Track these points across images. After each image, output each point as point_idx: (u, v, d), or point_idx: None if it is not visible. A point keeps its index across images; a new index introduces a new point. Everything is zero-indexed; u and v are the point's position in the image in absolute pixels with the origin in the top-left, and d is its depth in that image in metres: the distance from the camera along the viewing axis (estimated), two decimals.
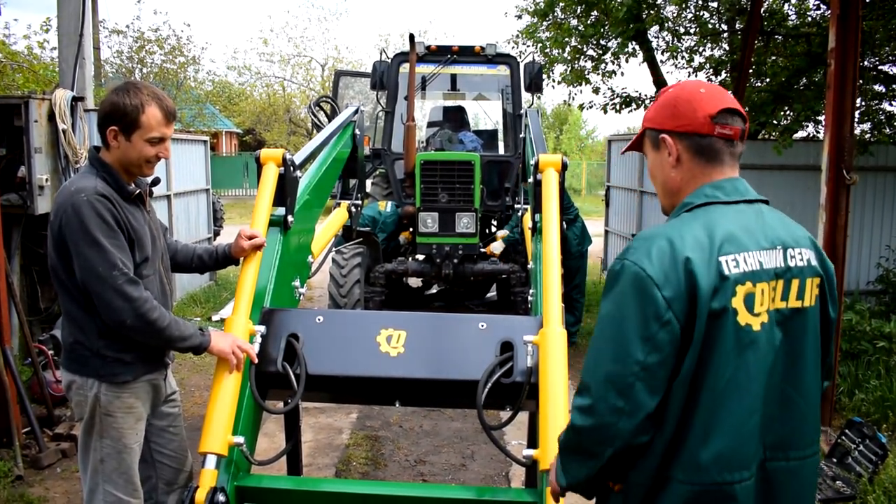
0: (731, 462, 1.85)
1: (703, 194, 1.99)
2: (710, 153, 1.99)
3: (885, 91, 11.36)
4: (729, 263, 1.85)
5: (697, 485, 1.86)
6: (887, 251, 10.28)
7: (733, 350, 1.84)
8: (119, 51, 23.81)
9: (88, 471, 3.04)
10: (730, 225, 1.91)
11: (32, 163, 6.17)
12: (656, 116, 2.06)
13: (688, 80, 2.17)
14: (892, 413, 6.05)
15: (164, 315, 2.90)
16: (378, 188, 9.98)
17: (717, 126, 1.96)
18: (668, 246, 1.86)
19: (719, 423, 1.84)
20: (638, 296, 1.82)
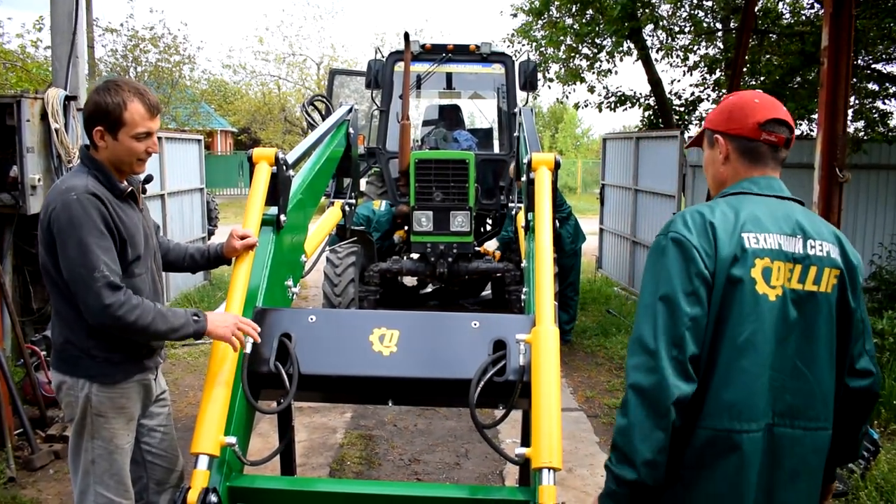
0: (741, 412, 2.07)
1: (739, 186, 2.29)
2: (754, 155, 2.28)
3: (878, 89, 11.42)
4: (750, 239, 2.12)
5: (711, 429, 2.09)
6: (880, 249, 10.31)
7: (751, 312, 2.08)
8: (113, 49, 23.78)
9: (79, 472, 3.03)
10: (756, 210, 2.18)
11: (25, 162, 6.14)
12: (715, 119, 2.36)
13: (749, 90, 2.45)
14: (884, 409, 6.06)
15: (146, 313, 2.84)
16: (373, 187, 9.97)
17: (764, 133, 2.25)
18: (700, 216, 2.16)
19: (735, 375, 2.07)
20: (681, 258, 2.10)
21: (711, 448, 2.10)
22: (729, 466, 2.09)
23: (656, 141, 11.12)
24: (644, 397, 2.05)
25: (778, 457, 2.13)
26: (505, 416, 2.92)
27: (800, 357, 2.14)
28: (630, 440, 2.06)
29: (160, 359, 3.28)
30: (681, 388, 2.03)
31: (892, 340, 6.90)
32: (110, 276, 2.81)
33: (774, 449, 2.12)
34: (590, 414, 6.58)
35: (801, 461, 2.17)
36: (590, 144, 46.55)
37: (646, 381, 2.05)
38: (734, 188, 2.29)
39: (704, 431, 2.10)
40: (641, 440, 2.04)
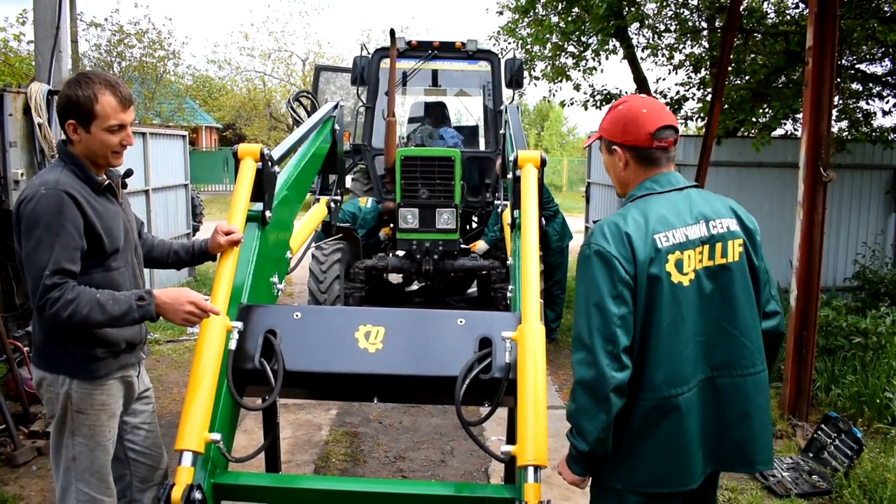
0: (674, 380, 2.49)
1: (643, 187, 2.64)
2: (650, 160, 2.64)
3: (862, 89, 11.48)
4: (661, 239, 2.48)
5: (653, 399, 2.49)
6: (864, 248, 10.39)
7: (670, 301, 2.47)
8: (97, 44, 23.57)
9: (61, 469, 3.01)
10: (661, 210, 2.55)
11: (7, 157, 6.09)
12: (611, 130, 2.69)
13: (634, 98, 2.72)
14: (867, 408, 6.11)
15: (81, 306, 2.76)
16: (358, 184, 9.95)
17: (656, 141, 2.59)
18: (616, 227, 2.49)
19: (665, 353, 2.47)
20: (605, 267, 2.44)
21: (654, 413, 2.50)
22: (670, 424, 2.51)
23: None
24: (586, 387, 2.44)
25: (722, 403, 2.57)
26: (490, 413, 2.92)
27: (723, 319, 2.55)
28: (580, 422, 2.49)
29: (142, 354, 3.26)
30: (616, 377, 2.40)
31: (874, 339, 6.96)
32: (52, 274, 2.76)
33: (718, 397, 2.56)
34: None
35: (749, 403, 2.58)
36: (575, 143, 46.65)
37: (587, 375, 2.43)
38: (639, 190, 2.64)
39: (647, 402, 2.50)
40: (588, 421, 2.46)
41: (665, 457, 2.53)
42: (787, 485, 5.05)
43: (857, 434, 5.17)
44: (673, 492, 2.56)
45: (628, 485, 2.57)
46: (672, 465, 2.53)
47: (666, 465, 2.53)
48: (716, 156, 9.14)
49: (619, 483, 2.58)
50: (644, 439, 2.53)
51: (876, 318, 7.39)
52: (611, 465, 2.59)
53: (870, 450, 5.29)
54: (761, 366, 2.61)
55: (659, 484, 2.55)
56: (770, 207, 10.08)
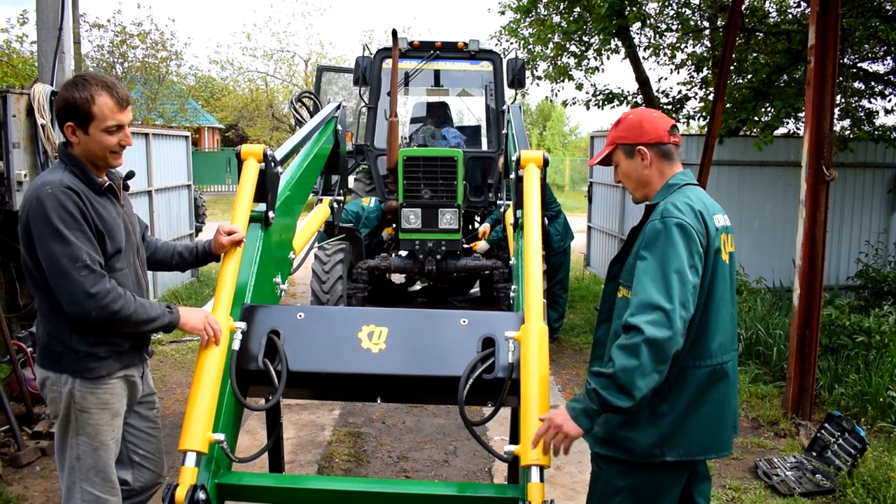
0: (725, 348, 2.79)
1: (679, 179, 2.87)
2: (669, 155, 2.90)
3: (864, 88, 11.47)
4: (713, 220, 2.75)
5: (710, 366, 2.73)
6: (866, 247, 10.38)
7: (721, 275, 2.75)
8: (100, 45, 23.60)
9: (65, 469, 3.02)
10: (703, 197, 2.82)
11: (11, 158, 6.09)
12: (628, 134, 2.89)
13: (636, 109, 3.03)
14: (870, 407, 6.10)
15: (128, 303, 2.87)
16: (361, 184, 9.96)
17: (671, 136, 2.88)
18: (689, 206, 2.71)
19: (721, 322, 2.76)
20: (685, 238, 2.61)
21: (710, 379, 2.73)
22: (721, 389, 2.77)
23: None
24: (656, 346, 2.49)
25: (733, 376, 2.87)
26: (494, 413, 2.93)
27: (732, 301, 2.86)
28: (633, 378, 2.50)
29: (146, 354, 3.26)
30: (681, 342, 2.55)
31: (877, 338, 6.95)
32: (93, 265, 2.81)
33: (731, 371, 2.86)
34: None
35: (736, 374, 2.91)
36: (578, 142, 46.63)
37: (661, 334, 2.49)
38: (676, 180, 2.86)
39: (704, 369, 2.72)
40: (642, 378, 2.50)
41: (715, 422, 2.75)
42: (790, 484, 5.04)
43: (861, 433, 5.17)
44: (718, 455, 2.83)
45: (683, 454, 2.72)
46: (719, 430, 2.76)
47: (715, 429, 2.75)
48: (718, 155, 9.13)
49: (672, 454, 2.71)
50: (698, 406, 2.72)
51: (879, 317, 7.38)
52: (660, 438, 2.71)
53: (873, 448, 5.29)
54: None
55: (705, 451, 2.76)
56: (772, 206, 10.07)
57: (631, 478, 2.77)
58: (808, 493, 4.96)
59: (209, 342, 2.88)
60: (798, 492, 4.95)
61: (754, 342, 7.83)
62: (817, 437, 5.46)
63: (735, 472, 5.36)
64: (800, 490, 4.97)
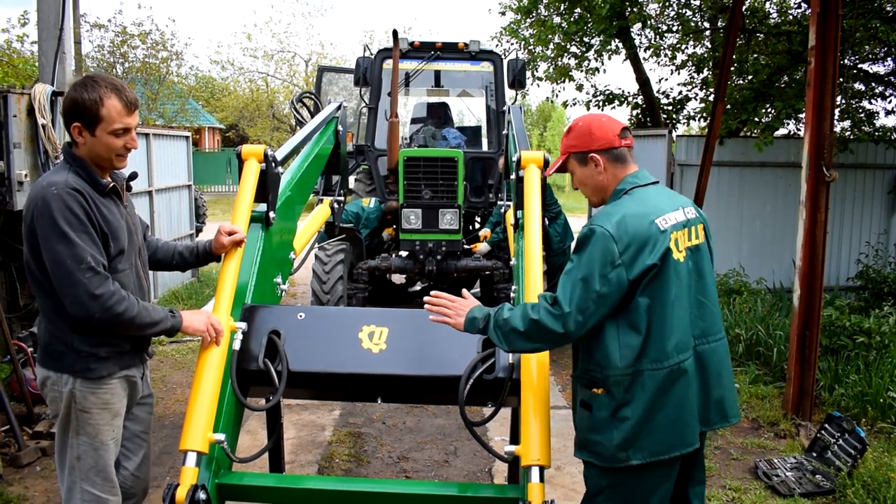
0: (682, 347, 2.74)
1: (626, 182, 2.89)
2: (621, 158, 2.91)
3: (864, 89, 11.48)
4: (661, 222, 2.74)
5: (667, 367, 2.70)
6: (867, 247, 10.38)
7: (674, 275, 2.73)
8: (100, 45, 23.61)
9: (65, 469, 3.02)
10: (652, 199, 2.83)
11: (11, 158, 6.10)
12: (579, 142, 2.93)
13: (585, 115, 3.03)
14: (871, 408, 6.10)
15: (132, 306, 2.87)
16: (361, 184, 9.95)
17: (622, 140, 2.89)
18: (621, 215, 2.72)
19: (675, 323, 2.72)
20: (601, 248, 2.65)
21: (668, 380, 2.70)
22: (680, 388, 2.73)
23: (644, 140, 11.15)
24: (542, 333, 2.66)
25: (705, 366, 2.83)
26: (494, 413, 2.93)
27: (699, 293, 2.85)
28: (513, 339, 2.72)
29: (146, 355, 3.26)
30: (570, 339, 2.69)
31: (878, 339, 6.95)
32: (97, 266, 2.81)
33: (701, 362, 2.83)
34: None
35: (720, 363, 2.88)
36: None
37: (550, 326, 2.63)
38: (624, 185, 2.88)
39: (662, 371, 2.70)
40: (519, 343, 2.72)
41: (676, 421, 2.73)
42: (790, 484, 5.04)
43: (861, 434, 5.17)
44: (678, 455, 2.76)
45: (646, 456, 2.71)
46: (681, 429, 2.74)
47: (676, 429, 2.73)
48: (718, 156, 9.14)
49: (638, 457, 2.71)
50: (658, 408, 2.70)
51: (879, 318, 7.38)
52: (623, 443, 2.71)
53: (873, 449, 5.29)
54: (722, 331, 2.96)
55: (670, 449, 2.73)
56: (773, 207, 10.08)
57: (610, 479, 2.78)
58: (809, 494, 4.95)
59: (211, 343, 2.89)
60: (798, 492, 4.95)
61: (754, 343, 7.82)
62: (817, 438, 5.46)
63: (735, 472, 5.37)
64: (800, 491, 4.97)
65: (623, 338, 2.69)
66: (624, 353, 2.68)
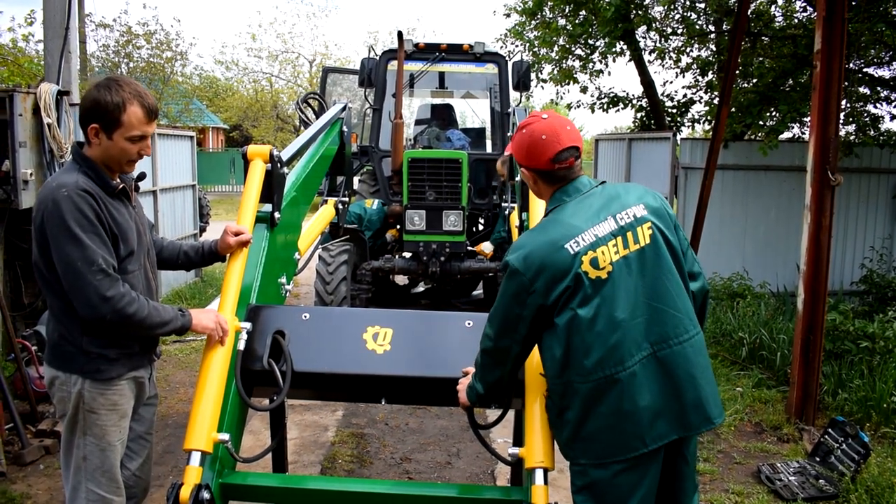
0: (608, 363, 2.63)
1: (554, 199, 2.85)
2: (553, 179, 2.84)
3: (870, 93, 11.46)
4: (571, 246, 2.66)
5: (590, 382, 2.64)
6: (871, 252, 10.37)
7: (592, 294, 2.65)
8: (105, 45, 23.65)
9: (71, 468, 3.02)
10: (569, 218, 2.74)
11: (17, 157, 6.11)
12: (517, 153, 2.89)
13: (536, 120, 2.84)
14: (874, 412, 6.09)
15: (143, 306, 2.88)
16: (365, 185, 9.95)
17: (556, 164, 2.78)
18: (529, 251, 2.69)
19: (592, 342, 2.62)
20: (514, 280, 2.69)
21: (594, 393, 2.65)
22: (612, 397, 2.64)
23: (648, 142, 11.16)
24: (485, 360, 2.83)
25: (670, 371, 2.69)
26: (502, 416, 2.94)
27: (651, 298, 2.71)
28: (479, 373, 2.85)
29: (154, 355, 3.27)
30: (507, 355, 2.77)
31: (882, 344, 6.94)
32: (108, 268, 2.81)
33: (665, 367, 2.69)
34: None
35: (691, 365, 2.72)
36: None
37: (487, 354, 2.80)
38: (552, 202, 2.85)
39: (584, 385, 2.65)
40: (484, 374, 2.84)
41: (612, 428, 2.66)
42: (793, 489, 5.04)
43: (865, 438, 5.16)
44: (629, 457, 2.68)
45: (590, 459, 2.70)
46: (620, 435, 2.66)
47: (614, 435, 2.66)
48: (723, 159, 9.14)
49: (583, 458, 2.72)
50: (589, 417, 2.66)
51: (883, 323, 7.37)
52: (566, 443, 2.75)
53: (877, 454, 5.28)
54: (694, 330, 2.78)
55: (611, 454, 2.68)
56: (777, 211, 10.07)
57: (585, 478, 2.74)
58: (812, 499, 4.95)
59: (216, 342, 2.89)
60: (801, 497, 4.94)
61: (758, 346, 7.82)
62: (821, 443, 5.45)
63: (738, 476, 5.36)
64: (803, 495, 4.96)
65: (548, 351, 2.70)
66: (551, 364, 2.69)
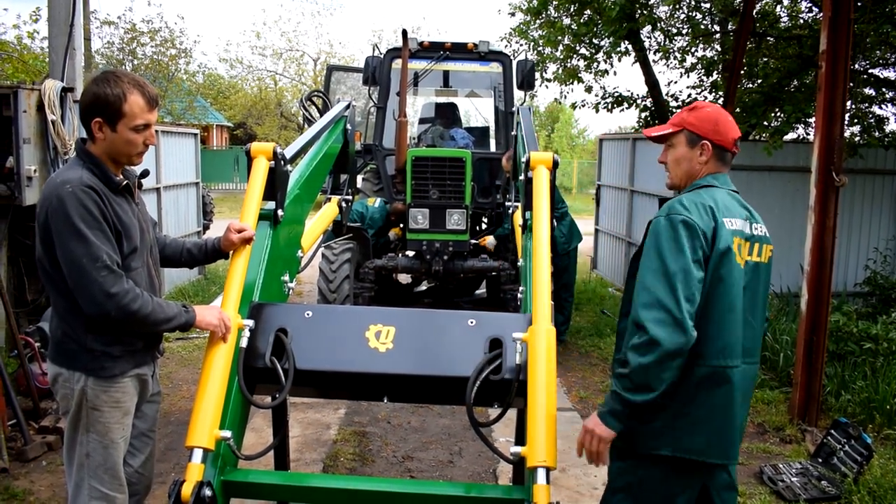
0: (728, 352, 2.70)
1: (706, 179, 2.91)
2: (725, 161, 2.95)
3: (875, 94, 11.42)
4: (728, 222, 2.73)
5: (710, 366, 2.68)
6: (875, 253, 10.34)
7: (731, 277, 2.69)
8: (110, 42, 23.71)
9: (74, 465, 3.02)
10: (724, 199, 2.82)
11: (21, 153, 6.13)
12: (700, 125, 2.90)
13: (712, 104, 2.99)
14: (877, 414, 6.08)
15: (147, 303, 2.88)
16: (369, 184, 9.96)
17: (735, 146, 2.93)
18: (697, 201, 2.74)
19: (724, 324, 2.68)
20: (689, 234, 2.64)
21: (709, 381, 2.68)
22: (721, 394, 2.70)
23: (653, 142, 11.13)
24: (665, 343, 2.55)
25: (743, 385, 2.78)
26: (502, 414, 2.93)
27: (749, 312, 2.79)
28: (647, 375, 2.58)
29: (158, 353, 3.27)
30: (693, 335, 2.58)
31: (885, 345, 6.93)
32: (112, 265, 2.82)
33: (745, 381, 2.80)
34: (584, 414, 6.58)
35: (749, 387, 2.87)
36: (586, 145, 46.57)
37: (665, 333, 2.55)
38: (703, 181, 2.90)
39: (704, 368, 2.68)
40: (657, 373, 2.58)
41: (717, 425, 2.68)
42: (796, 490, 5.03)
43: (867, 440, 5.15)
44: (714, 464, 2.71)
45: (678, 450, 2.69)
46: (721, 436, 2.69)
47: (716, 433, 2.69)
48: None
49: (667, 448, 2.70)
50: (698, 404, 2.67)
51: (887, 324, 7.36)
52: (656, 430, 2.71)
53: (879, 456, 5.27)
54: (758, 358, 2.91)
55: (708, 452, 2.69)
56: (781, 212, 10.04)
57: (632, 476, 2.75)
58: (814, 500, 4.94)
59: (218, 338, 2.89)
60: (803, 498, 4.93)
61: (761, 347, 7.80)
62: (823, 444, 5.44)
63: (740, 477, 5.35)
64: (805, 496, 4.95)
65: None
66: None
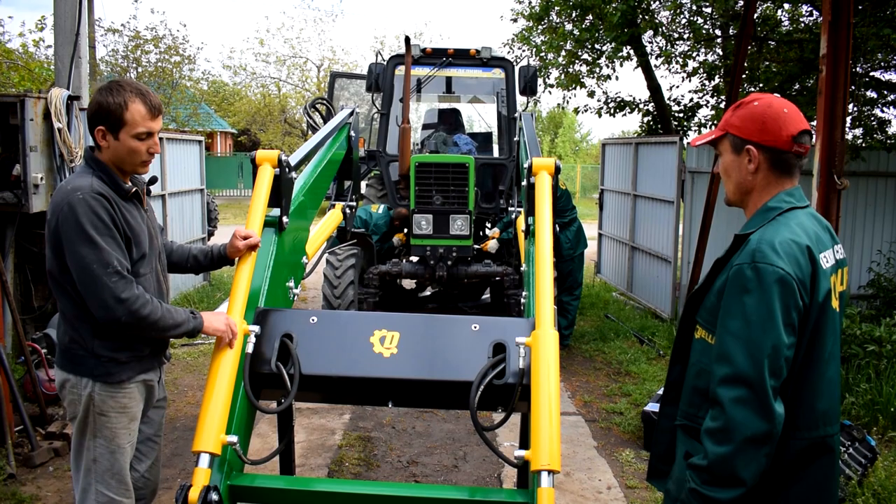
0: (829, 418, 2.24)
1: (783, 200, 2.32)
2: (786, 166, 2.32)
3: (876, 97, 11.45)
4: (822, 259, 2.21)
5: (809, 438, 2.21)
6: (878, 256, 10.33)
7: (829, 327, 2.22)
8: (114, 49, 23.81)
9: (81, 470, 3.05)
10: (812, 227, 2.26)
11: (27, 161, 6.16)
12: (743, 126, 2.34)
13: (771, 97, 2.38)
14: (881, 416, 6.08)
15: (156, 308, 2.92)
16: (372, 190, 9.99)
17: (795, 145, 2.28)
18: (791, 244, 2.17)
19: (825, 386, 2.22)
20: (782, 294, 2.10)
21: (808, 453, 2.22)
22: (822, 467, 2.25)
23: (655, 146, 11.16)
24: (746, 429, 2.08)
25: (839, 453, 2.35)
26: (506, 419, 2.94)
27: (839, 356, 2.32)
28: (731, 465, 2.10)
29: (164, 359, 3.30)
30: (781, 415, 2.11)
31: (889, 348, 6.92)
32: (122, 271, 2.85)
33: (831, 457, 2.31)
34: (588, 418, 6.60)
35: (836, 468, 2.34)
36: (589, 149, 46.59)
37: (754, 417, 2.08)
38: (780, 203, 2.31)
39: (799, 442, 2.21)
40: (743, 462, 2.10)
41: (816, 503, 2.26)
42: None
43: (871, 442, 5.15)
44: None
45: None
46: None
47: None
48: None
49: None
50: (795, 481, 2.23)
51: (890, 327, 7.35)
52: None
53: (884, 458, 5.27)
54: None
55: None
56: None
57: None
58: None
59: (225, 344, 2.92)
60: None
61: None
62: None
63: None
64: None
65: None
66: None
